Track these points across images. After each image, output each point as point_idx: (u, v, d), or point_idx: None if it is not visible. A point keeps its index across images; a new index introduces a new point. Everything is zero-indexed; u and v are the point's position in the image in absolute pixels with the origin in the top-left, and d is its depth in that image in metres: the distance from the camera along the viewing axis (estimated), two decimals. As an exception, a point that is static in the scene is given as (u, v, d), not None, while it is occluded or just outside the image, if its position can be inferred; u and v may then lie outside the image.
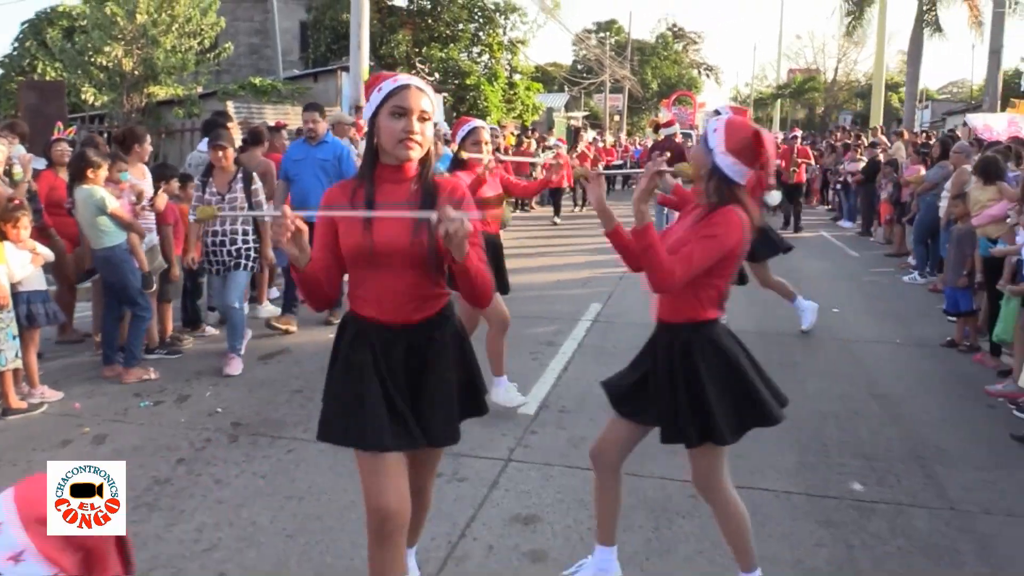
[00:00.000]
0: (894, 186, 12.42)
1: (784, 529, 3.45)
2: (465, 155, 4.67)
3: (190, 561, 3.13)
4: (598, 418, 4.72)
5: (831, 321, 7.40)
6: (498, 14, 24.01)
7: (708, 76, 60.82)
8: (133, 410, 4.85)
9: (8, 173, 5.73)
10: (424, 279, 2.28)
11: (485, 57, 24.35)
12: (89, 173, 5.15)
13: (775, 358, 6.09)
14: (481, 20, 23.98)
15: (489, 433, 4.34)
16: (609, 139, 31.64)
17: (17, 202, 4.91)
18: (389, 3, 23.44)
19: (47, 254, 5.10)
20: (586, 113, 42.64)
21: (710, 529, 3.43)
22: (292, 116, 14.09)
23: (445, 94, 20.71)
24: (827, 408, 4.98)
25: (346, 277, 2.40)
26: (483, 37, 24.13)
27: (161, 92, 15.84)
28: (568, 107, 38.84)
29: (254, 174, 5.96)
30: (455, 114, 20.95)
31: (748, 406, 2.75)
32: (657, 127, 14.32)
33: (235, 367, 5.58)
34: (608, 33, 52.28)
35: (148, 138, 6.29)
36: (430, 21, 23.27)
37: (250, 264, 5.85)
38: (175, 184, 6.27)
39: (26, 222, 4.82)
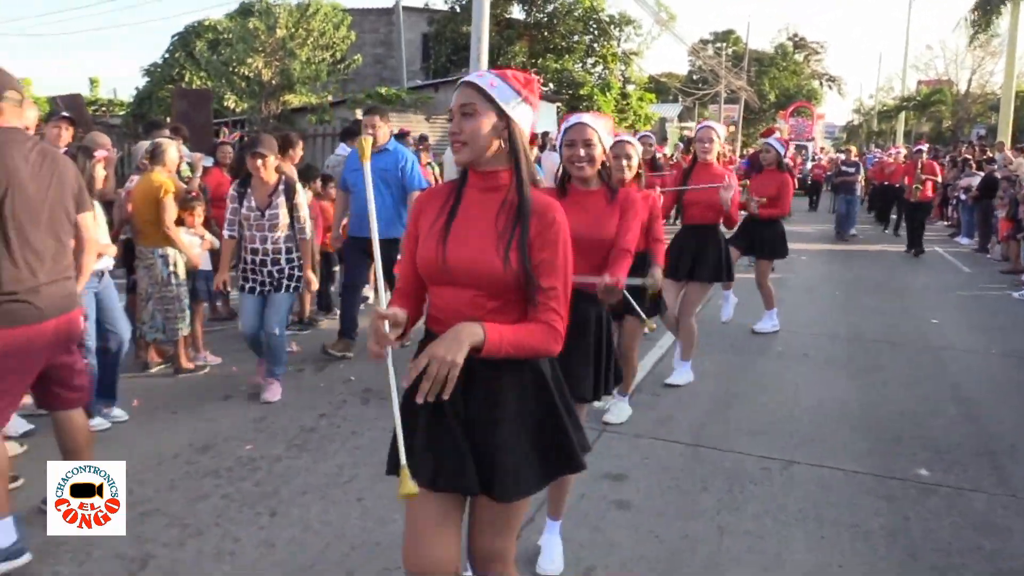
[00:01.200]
0: (1012, 203, 12.21)
1: (846, 499, 3.84)
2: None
3: (333, 489, 3.81)
4: (685, 401, 5.18)
5: (927, 330, 7.58)
6: (613, 26, 24.53)
7: (830, 87, 59.33)
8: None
9: (177, 171, 6.68)
10: (490, 299, 1.97)
11: (599, 68, 24.88)
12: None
13: (862, 363, 6.38)
14: (596, 32, 24.54)
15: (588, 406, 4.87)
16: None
17: (195, 194, 5.80)
18: (507, 16, 24.29)
19: (214, 240, 5.97)
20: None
21: (778, 494, 3.87)
22: (415, 124, 15.03)
23: (559, 104, 21.34)
24: (906, 407, 5.26)
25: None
26: (597, 48, 24.68)
27: (295, 100, 17.17)
28: (682, 117, 38.88)
29: (298, 185, 5.26)
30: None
31: None
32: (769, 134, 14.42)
33: (274, 393, 5.11)
34: (725, 43, 51.82)
35: (300, 143, 7.12)
36: (546, 33, 23.99)
37: (293, 285, 5.14)
38: (318, 183, 7.13)
39: (200, 211, 5.70)
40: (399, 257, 2.43)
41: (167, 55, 22.80)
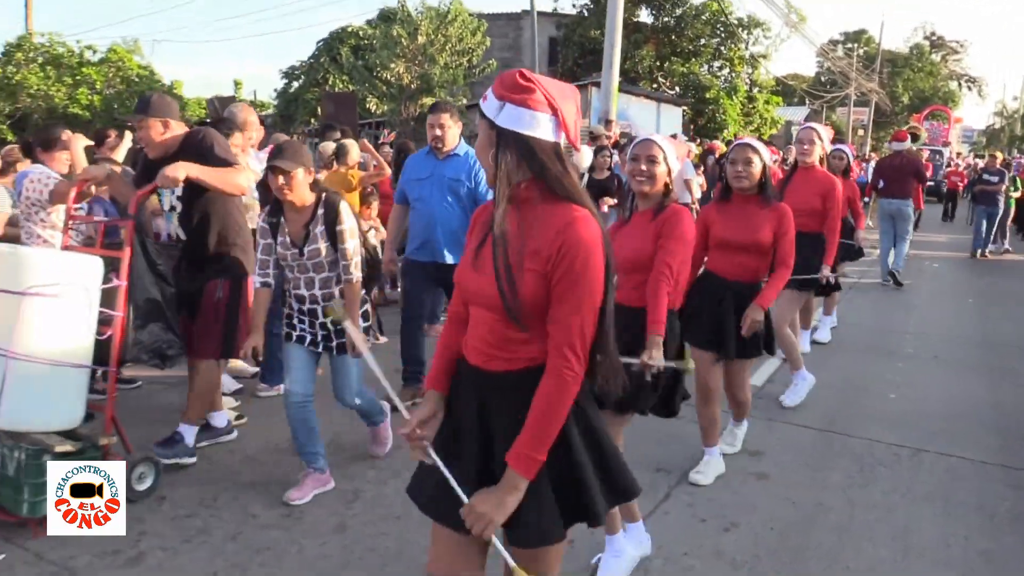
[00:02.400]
0: None
1: (974, 485, 4.12)
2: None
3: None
4: (816, 393, 5.50)
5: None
6: (741, 29, 24.47)
7: (970, 89, 56.53)
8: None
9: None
10: (509, 328, 1.83)
11: (726, 71, 24.87)
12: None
13: (994, 365, 6.52)
14: (724, 35, 24.54)
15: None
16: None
17: (370, 190, 6.55)
18: (635, 20, 24.59)
19: (384, 232, 6.71)
20: (827, 125, 41.41)
21: (906, 477, 4.20)
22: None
23: (685, 107, 21.53)
24: (1039, 408, 5.42)
25: None
26: (725, 51, 24.67)
27: (428, 101, 18.09)
28: (809, 119, 38.03)
29: (344, 207, 3.70)
30: (692, 127, 21.74)
31: None
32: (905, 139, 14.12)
33: (384, 445, 4.28)
34: (856, 44, 50.22)
35: (355, 145, 7.61)
36: (674, 37, 24.18)
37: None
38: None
39: (376, 205, 6.44)
40: None
41: (312, 59, 24.27)
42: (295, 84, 29.18)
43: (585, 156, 8.80)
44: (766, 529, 3.57)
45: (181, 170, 3.62)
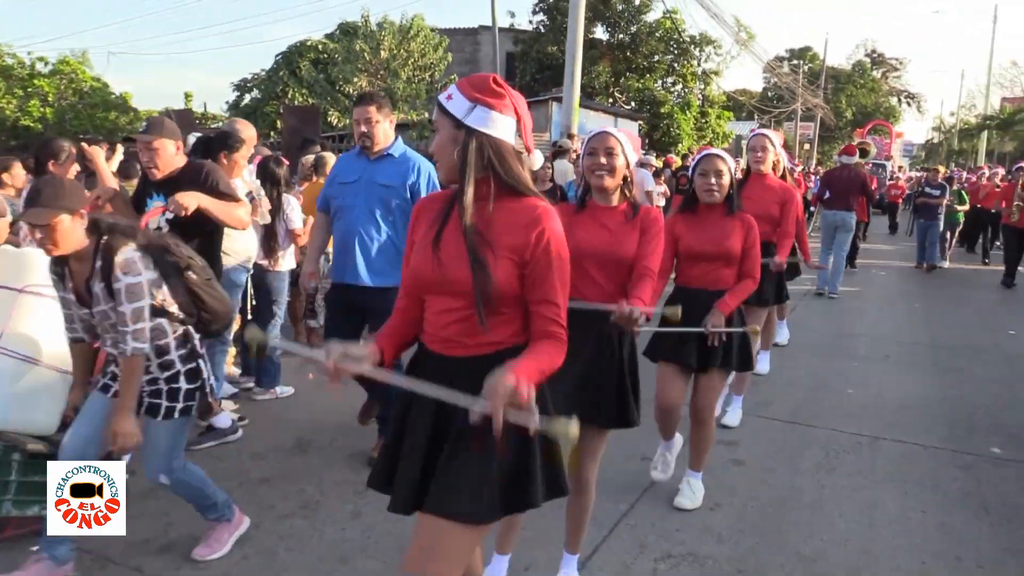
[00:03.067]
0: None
1: (927, 468, 4.53)
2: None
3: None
4: (780, 390, 5.87)
5: (1004, 340, 8.12)
6: (694, 46, 25.22)
7: (909, 104, 58.61)
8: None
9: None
10: (472, 309, 1.93)
11: (679, 87, 25.58)
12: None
13: (942, 365, 7.00)
14: (677, 52, 25.26)
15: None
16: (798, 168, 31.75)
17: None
18: (591, 36, 25.17)
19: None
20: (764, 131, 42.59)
21: (867, 461, 4.58)
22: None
23: (640, 121, 22.12)
24: (981, 402, 5.87)
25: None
26: (678, 68, 25.39)
27: (395, 117, 18.35)
28: (757, 135, 39.16)
29: (122, 258, 2.83)
30: (647, 141, 22.32)
31: None
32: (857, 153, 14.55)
33: (211, 548, 3.34)
34: (802, 60, 51.79)
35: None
36: (629, 53, 24.81)
37: (179, 407, 3.04)
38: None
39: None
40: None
41: (270, 72, 24.33)
42: (247, 96, 29.24)
43: (536, 158, 9.03)
44: (747, 508, 3.92)
45: (194, 200, 3.71)
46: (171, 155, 3.98)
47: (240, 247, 4.87)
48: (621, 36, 24.86)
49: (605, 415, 2.83)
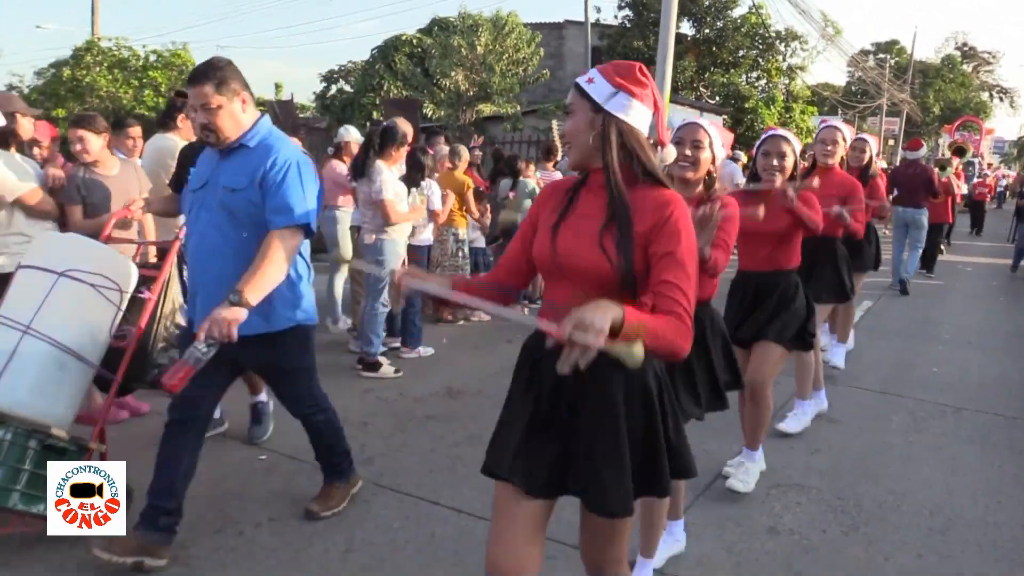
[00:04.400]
0: None
1: (1006, 434, 5.07)
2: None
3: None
4: (867, 365, 6.43)
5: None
6: (779, 41, 25.34)
7: (1001, 100, 56.87)
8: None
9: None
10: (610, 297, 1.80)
11: (763, 81, 25.76)
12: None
13: (1022, 348, 7.42)
14: (762, 47, 25.43)
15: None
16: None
17: (484, 189, 7.59)
18: (677, 31, 25.55)
19: (485, 224, 7.74)
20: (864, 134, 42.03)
21: (951, 426, 5.14)
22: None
23: (725, 116, 22.46)
24: None
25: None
26: (763, 63, 25.56)
27: (487, 109, 19.17)
28: (840, 130, 38.78)
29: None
30: (733, 135, 22.71)
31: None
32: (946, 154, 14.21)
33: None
34: (888, 54, 50.81)
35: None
36: (714, 48, 25.10)
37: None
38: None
39: (487, 203, 7.48)
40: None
41: (367, 65, 25.42)
42: (333, 88, 30.50)
43: (670, 152, 9.62)
44: (843, 455, 4.56)
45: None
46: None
47: (401, 226, 5.70)
48: (707, 31, 25.21)
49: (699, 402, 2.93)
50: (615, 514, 1.94)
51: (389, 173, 5.48)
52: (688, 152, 2.86)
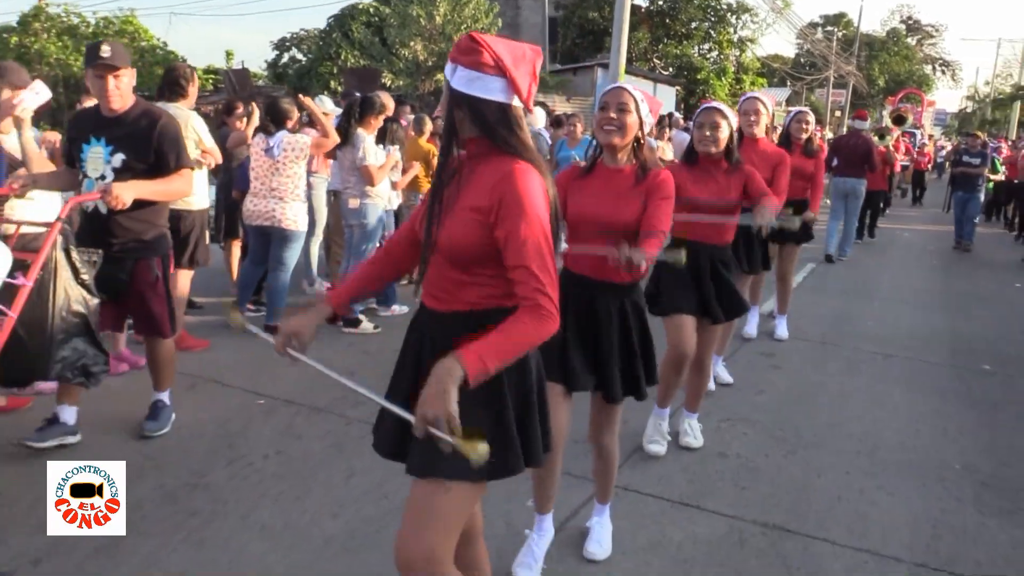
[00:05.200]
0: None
1: (929, 376, 5.67)
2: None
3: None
4: (808, 319, 6.98)
5: (1011, 292, 9.18)
6: (731, 14, 25.90)
7: (944, 73, 58.52)
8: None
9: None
10: (459, 271, 1.95)
11: (714, 53, 26.33)
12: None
13: (952, 307, 8.08)
14: (714, 19, 25.97)
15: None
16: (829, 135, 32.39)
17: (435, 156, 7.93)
18: (631, 3, 25.98)
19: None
20: (806, 108, 43.04)
21: (881, 369, 5.72)
22: (558, 105, 17.00)
23: (678, 87, 23.00)
24: (983, 335, 6.98)
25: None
26: (714, 35, 26.13)
27: (442, 78, 19.41)
28: (790, 102, 39.66)
29: None
30: (683, 106, 23.20)
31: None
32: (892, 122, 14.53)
33: None
34: (836, 27, 51.87)
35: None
36: (667, 20, 25.57)
37: None
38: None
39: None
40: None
41: (323, 34, 25.39)
42: (285, 56, 30.34)
43: (538, 117, 9.77)
44: (785, 394, 5.10)
45: (131, 192, 3.43)
46: (130, 89, 3.61)
47: (381, 190, 6.04)
48: (661, 3, 25.68)
49: (613, 389, 2.80)
50: (444, 475, 1.91)
51: (371, 140, 5.82)
52: (613, 115, 2.71)
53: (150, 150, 3.59)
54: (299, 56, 30.29)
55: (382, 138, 6.56)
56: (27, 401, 4.26)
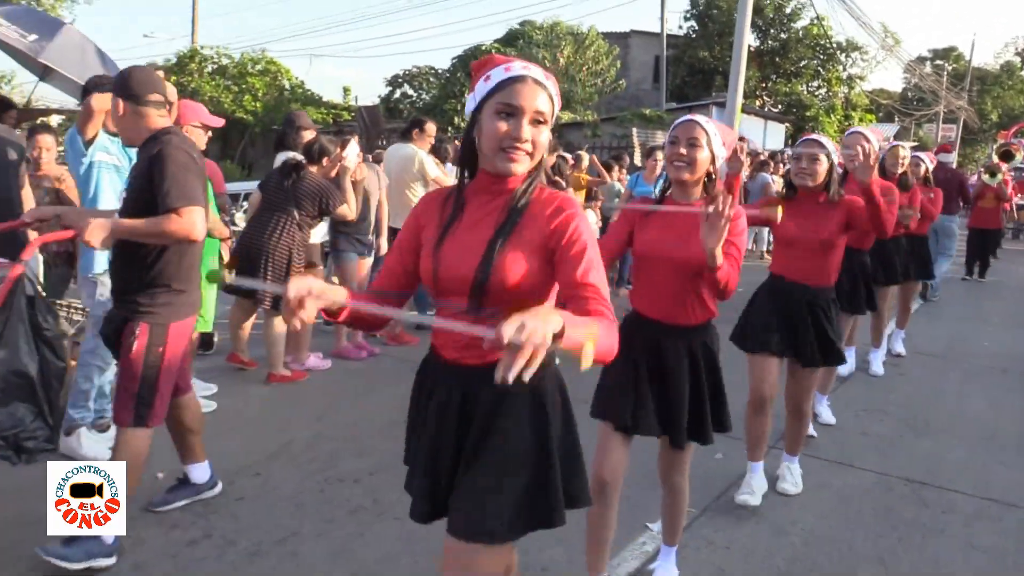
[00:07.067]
0: None
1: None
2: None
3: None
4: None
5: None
6: (840, 52, 26.48)
7: (1061, 106, 56.64)
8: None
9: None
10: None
11: (823, 90, 26.91)
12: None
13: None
14: (823, 57, 26.60)
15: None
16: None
17: (595, 191, 9.12)
18: (741, 42, 26.89)
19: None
20: (915, 143, 42.70)
21: (997, 381, 6.54)
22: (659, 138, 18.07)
23: (787, 124, 23.71)
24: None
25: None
26: (824, 72, 26.73)
27: (565, 116, 20.71)
28: (898, 137, 39.52)
29: None
30: (792, 142, 23.93)
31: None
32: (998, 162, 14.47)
33: None
34: (945, 60, 51.15)
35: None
36: (777, 58, 26.33)
37: None
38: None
39: (596, 204, 9.00)
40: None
41: (448, 73, 27.20)
42: (397, 92, 32.40)
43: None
44: (914, 393, 6.00)
45: (100, 233, 2.84)
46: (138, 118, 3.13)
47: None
48: (771, 43, 26.47)
49: (680, 436, 2.69)
50: (473, 538, 1.82)
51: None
52: (683, 151, 2.63)
53: (148, 182, 3.01)
54: (410, 92, 32.37)
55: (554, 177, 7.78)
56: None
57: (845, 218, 3.60)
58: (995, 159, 17.57)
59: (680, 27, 29.05)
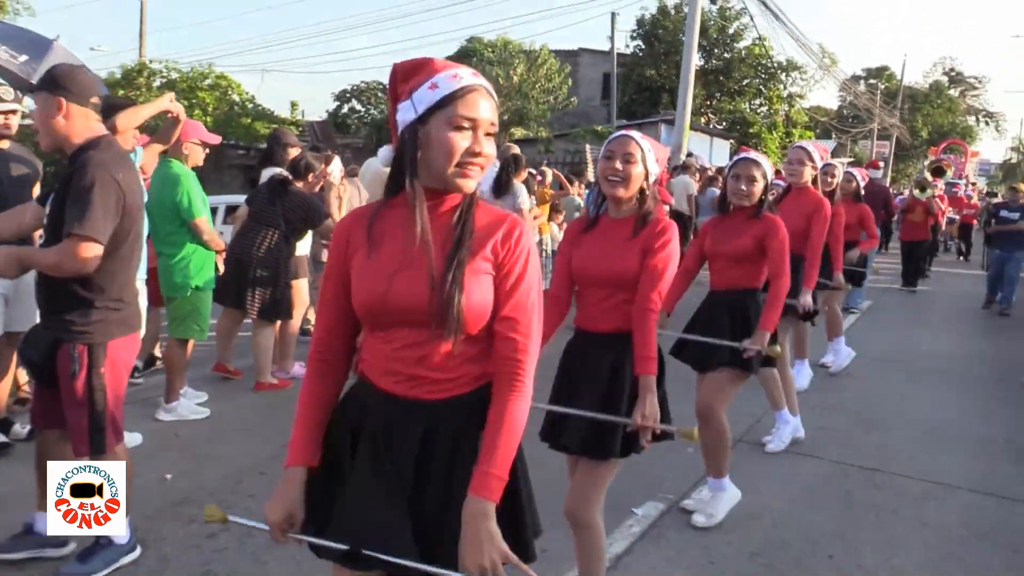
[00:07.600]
0: None
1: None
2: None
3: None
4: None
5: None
6: (780, 71, 27.50)
7: (988, 124, 59.22)
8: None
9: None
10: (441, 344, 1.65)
11: (765, 108, 27.90)
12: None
13: (995, 326, 9.35)
14: (765, 76, 27.59)
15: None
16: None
17: (557, 203, 9.47)
18: (686, 61, 27.75)
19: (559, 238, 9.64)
20: (851, 159, 44.27)
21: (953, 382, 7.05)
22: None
23: (731, 140, 24.53)
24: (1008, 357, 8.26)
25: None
26: (765, 91, 27.72)
27: (518, 132, 21.14)
28: (835, 153, 40.95)
29: None
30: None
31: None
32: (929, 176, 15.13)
33: None
34: (879, 80, 53.15)
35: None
36: (721, 78, 27.24)
37: None
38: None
39: (560, 217, 9.36)
40: None
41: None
42: (345, 107, 32.49)
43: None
44: (863, 392, 6.45)
45: (11, 261, 2.78)
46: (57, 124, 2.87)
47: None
48: (716, 62, 27.37)
49: (611, 445, 2.60)
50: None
51: (524, 189, 7.34)
52: (618, 166, 2.62)
53: (63, 202, 2.78)
54: (358, 107, 32.46)
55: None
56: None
57: (761, 235, 3.64)
58: (927, 175, 18.53)
59: (627, 45, 29.87)
